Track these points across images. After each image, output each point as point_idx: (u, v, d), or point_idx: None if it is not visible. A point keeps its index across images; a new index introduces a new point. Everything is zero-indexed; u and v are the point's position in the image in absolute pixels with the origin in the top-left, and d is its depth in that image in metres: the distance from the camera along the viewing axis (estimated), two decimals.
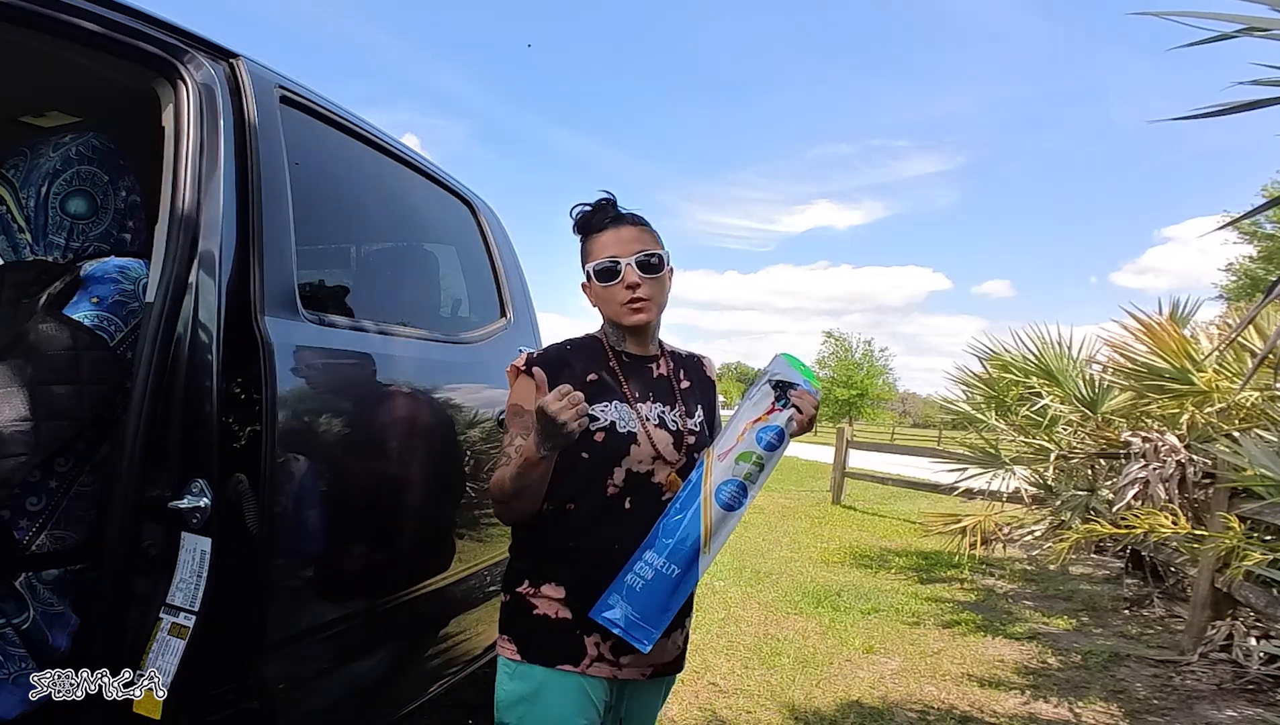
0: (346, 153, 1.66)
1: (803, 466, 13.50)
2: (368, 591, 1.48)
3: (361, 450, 1.44)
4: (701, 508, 1.18)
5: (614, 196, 1.30)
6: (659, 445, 1.24)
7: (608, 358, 1.29)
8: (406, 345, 1.63)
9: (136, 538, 1.10)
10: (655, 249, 1.26)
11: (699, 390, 1.35)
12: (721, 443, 1.23)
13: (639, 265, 1.23)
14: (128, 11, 1.18)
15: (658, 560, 1.16)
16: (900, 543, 6.33)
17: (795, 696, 2.79)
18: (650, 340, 1.32)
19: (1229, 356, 3.61)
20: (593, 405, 1.21)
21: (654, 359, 1.32)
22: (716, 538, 1.18)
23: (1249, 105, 1.34)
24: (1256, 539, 3.13)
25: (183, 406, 1.12)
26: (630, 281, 1.23)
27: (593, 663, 1.19)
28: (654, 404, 1.27)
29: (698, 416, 1.31)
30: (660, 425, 1.26)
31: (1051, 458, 4.41)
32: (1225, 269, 24.15)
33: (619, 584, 1.17)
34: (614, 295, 1.25)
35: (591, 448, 1.21)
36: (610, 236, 1.25)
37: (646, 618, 1.16)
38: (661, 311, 1.30)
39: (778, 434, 1.21)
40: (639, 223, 1.28)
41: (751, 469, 1.20)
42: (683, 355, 1.38)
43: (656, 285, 1.26)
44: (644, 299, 1.24)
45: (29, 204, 1.20)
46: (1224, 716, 2.77)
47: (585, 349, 1.30)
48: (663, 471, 1.24)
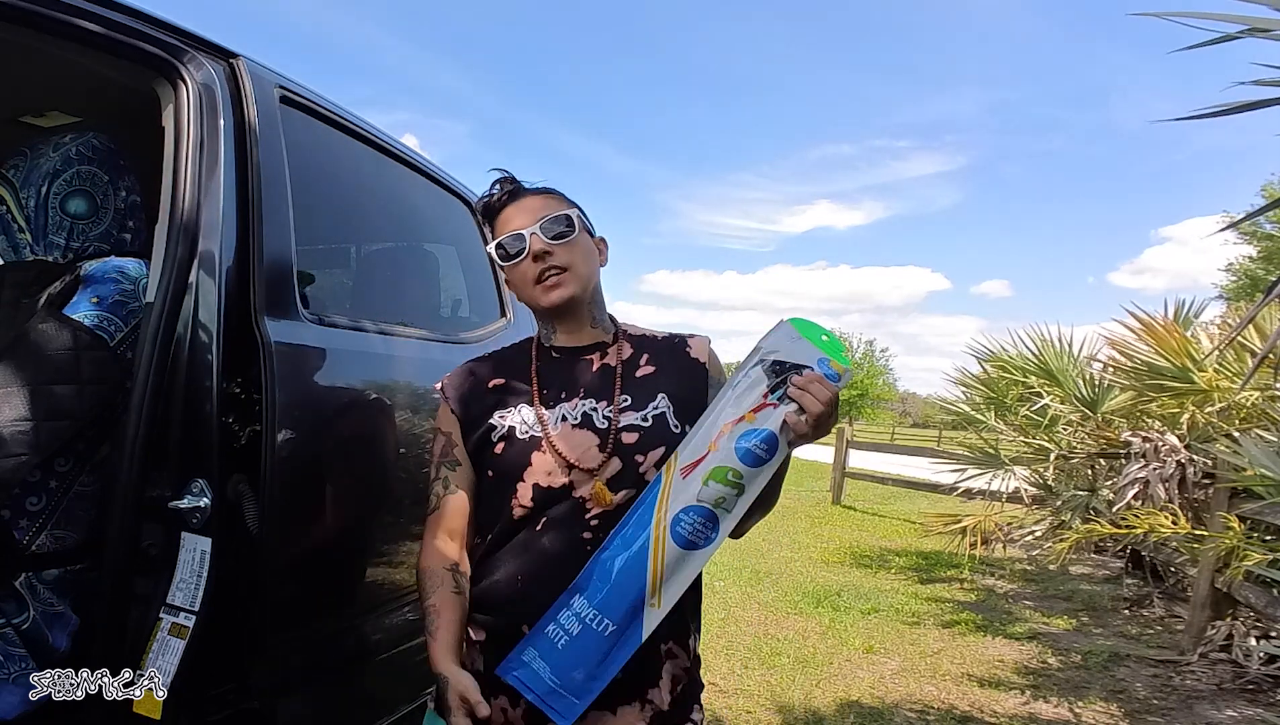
0: (347, 153, 1.66)
1: (803, 466, 13.49)
2: (368, 590, 1.48)
3: (362, 450, 1.44)
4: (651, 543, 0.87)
5: (512, 174, 1.13)
6: (569, 451, 0.98)
7: (530, 357, 1.11)
8: (407, 345, 1.63)
9: (136, 538, 1.10)
10: (562, 210, 1.07)
11: (670, 376, 1.07)
12: (688, 450, 0.91)
13: (544, 232, 1.04)
14: (128, 11, 1.17)
15: (587, 610, 0.88)
16: (900, 543, 6.33)
17: (795, 697, 2.79)
18: (585, 323, 1.10)
19: (1229, 356, 3.61)
20: (494, 413, 1.05)
21: (596, 348, 1.09)
22: (671, 585, 0.88)
23: (1250, 105, 1.34)
24: (1256, 539, 3.13)
25: (183, 406, 1.12)
26: (537, 250, 1.04)
27: None
28: (583, 401, 1.03)
29: (653, 407, 1.02)
30: (583, 425, 1.01)
31: (1051, 458, 4.41)
32: (1225, 269, 24.19)
33: (536, 635, 0.90)
34: (525, 273, 1.06)
35: (493, 463, 1.03)
36: (512, 211, 1.08)
37: (567, 684, 0.87)
38: (588, 284, 1.07)
39: (766, 442, 0.89)
40: (545, 192, 1.11)
41: (725, 492, 0.88)
42: (655, 338, 1.13)
43: (571, 251, 1.05)
44: (558, 268, 1.04)
45: (29, 204, 1.20)
46: (1224, 716, 2.77)
47: (508, 352, 1.15)
48: (585, 483, 0.98)
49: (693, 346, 1.12)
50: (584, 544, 0.97)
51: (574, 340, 1.10)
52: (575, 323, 1.09)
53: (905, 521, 7.51)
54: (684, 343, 1.12)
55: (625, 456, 0.99)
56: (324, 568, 1.35)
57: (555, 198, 1.10)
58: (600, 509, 0.98)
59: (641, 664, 0.95)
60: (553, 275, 1.04)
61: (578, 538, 0.97)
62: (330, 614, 1.39)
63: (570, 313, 1.08)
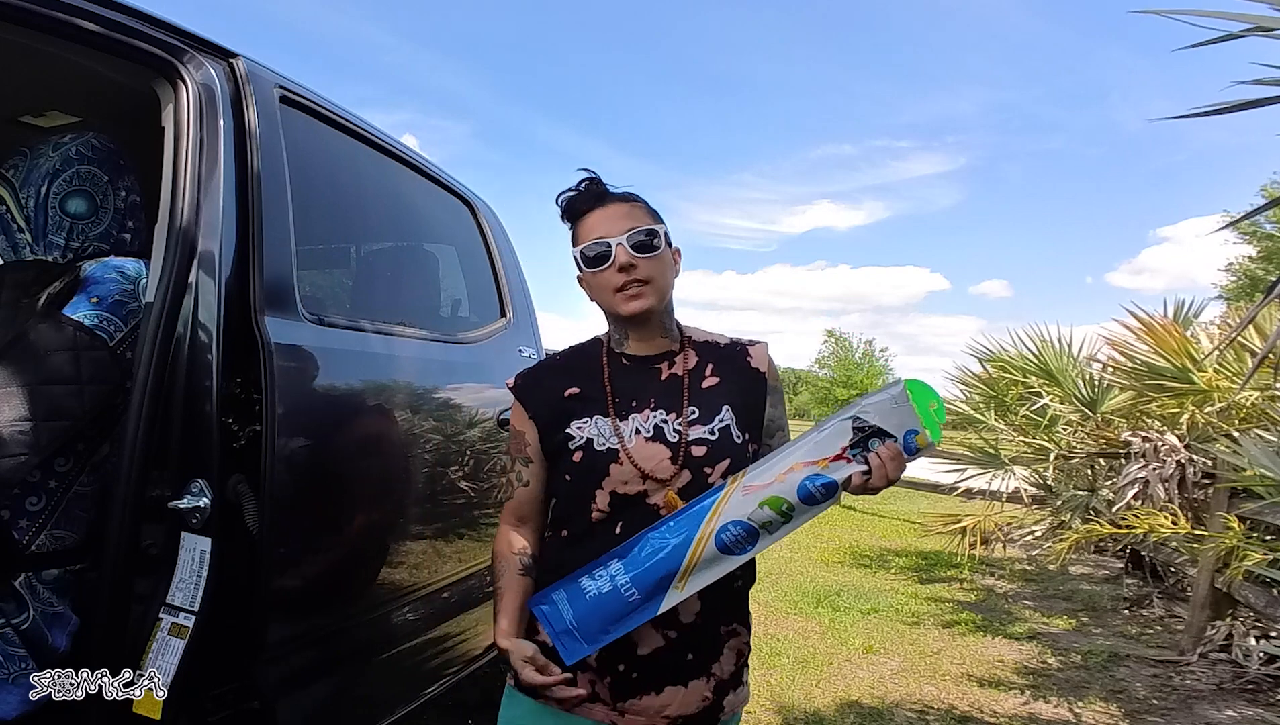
0: (346, 153, 1.66)
1: None
2: (368, 591, 1.48)
3: (361, 450, 1.44)
4: (695, 540, 0.97)
5: (597, 175, 1.15)
6: (644, 463, 1.06)
7: (601, 365, 1.14)
8: (406, 345, 1.63)
9: (136, 538, 1.10)
10: (650, 224, 1.10)
11: (733, 387, 1.13)
12: (757, 473, 0.99)
13: (631, 243, 1.07)
14: (128, 11, 1.18)
15: (622, 577, 0.98)
16: (900, 543, 6.33)
17: (795, 696, 2.79)
18: (657, 333, 1.14)
19: (1229, 356, 3.61)
20: (570, 423, 1.09)
21: (665, 357, 1.14)
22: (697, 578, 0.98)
23: (1250, 104, 1.35)
24: (1256, 539, 3.13)
25: (183, 406, 1.12)
26: (622, 262, 1.06)
27: (583, 703, 1.06)
28: (654, 412, 1.09)
29: (719, 420, 1.09)
30: (655, 437, 1.07)
31: (1051, 458, 4.41)
32: (1225, 269, 24.18)
33: (570, 582, 1.01)
34: (606, 281, 1.08)
35: (571, 469, 1.09)
36: (598, 217, 1.10)
37: (583, 630, 0.99)
38: (665, 296, 1.12)
39: (826, 488, 0.97)
40: (630, 199, 1.13)
41: (774, 518, 0.97)
42: (719, 345, 1.18)
43: (654, 265, 1.08)
44: (641, 281, 1.07)
45: (29, 204, 1.20)
46: (1224, 716, 2.77)
47: (577, 356, 1.18)
48: (658, 492, 1.06)
49: (753, 355, 1.17)
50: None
51: (645, 348, 1.14)
52: (648, 331, 1.13)
53: (905, 521, 7.51)
54: (745, 351, 1.17)
55: (695, 468, 1.07)
56: (323, 567, 1.35)
57: (641, 207, 1.13)
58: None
59: (710, 645, 1.08)
60: (635, 287, 1.07)
61: None
62: (330, 614, 1.39)
63: (645, 322, 1.12)
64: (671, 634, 1.05)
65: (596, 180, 1.15)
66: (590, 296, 1.14)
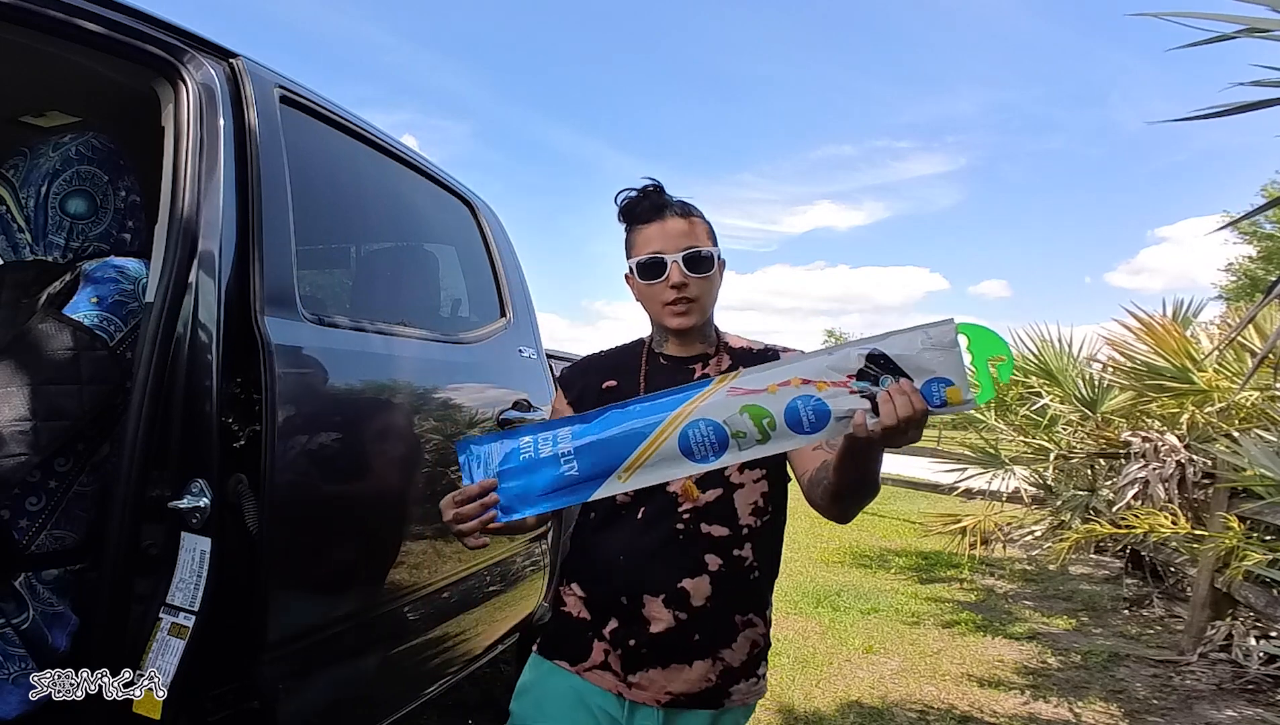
0: (347, 153, 1.66)
1: None
2: (368, 591, 1.48)
3: (361, 450, 1.44)
4: (659, 428, 0.87)
5: (661, 184, 1.19)
6: None
7: (640, 361, 1.21)
8: (406, 345, 1.63)
9: (136, 537, 1.10)
10: (705, 245, 1.14)
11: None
12: (749, 377, 0.89)
13: (686, 263, 1.12)
14: (128, 11, 1.18)
15: (566, 442, 0.90)
16: (900, 543, 6.33)
17: (795, 697, 2.79)
18: (697, 340, 1.20)
19: (1229, 356, 3.61)
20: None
21: (699, 359, 1.20)
22: (644, 473, 0.88)
23: (1249, 106, 1.35)
24: (1256, 539, 3.13)
25: (183, 406, 1.12)
26: (675, 281, 1.12)
27: (593, 668, 1.13)
28: None
29: None
30: None
31: (1051, 458, 4.41)
32: (1225, 269, 24.20)
33: (510, 434, 0.94)
34: (657, 294, 1.14)
35: None
36: (656, 230, 1.14)
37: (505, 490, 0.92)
38: (708, 312, 1.18)
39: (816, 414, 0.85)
40: (690, 215, 1.17)
41: (750, 430, 0.86)
42: (751, 351, 1.23)
43: (704, 285, 1.14)
44: (689, 300, 1.13)
45: (29, 204, 1.20)
46: (1224, 716, 2.77)
47: (621, 354, 1.25)
48: (678, 481, 1.12)
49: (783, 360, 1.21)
50: (677, 534, 1.11)
51: (683, 351, 1.20)
52: (689, 339, 1.19)
53: (905, 521, 7.51)
54: (776, 357, 1.20)
55: None
56: (324, 567, 1.35)
57: (700, 226, 1.16)
58: (691, 504, 1.11)
59: (720, 630, 1.12)
60: (684, 305, 1.13)
61: (672, 528, 1.11)
62: (330, 614, 1.39)
63: (688, 333, 1.18)
64: (682, 615, 1.10)
65: (660, 189, 1.18)
66: (636, 298, 1.20)
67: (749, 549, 1.13)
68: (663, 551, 1.11)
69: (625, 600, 1.11)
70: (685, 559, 1.11)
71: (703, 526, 1.12)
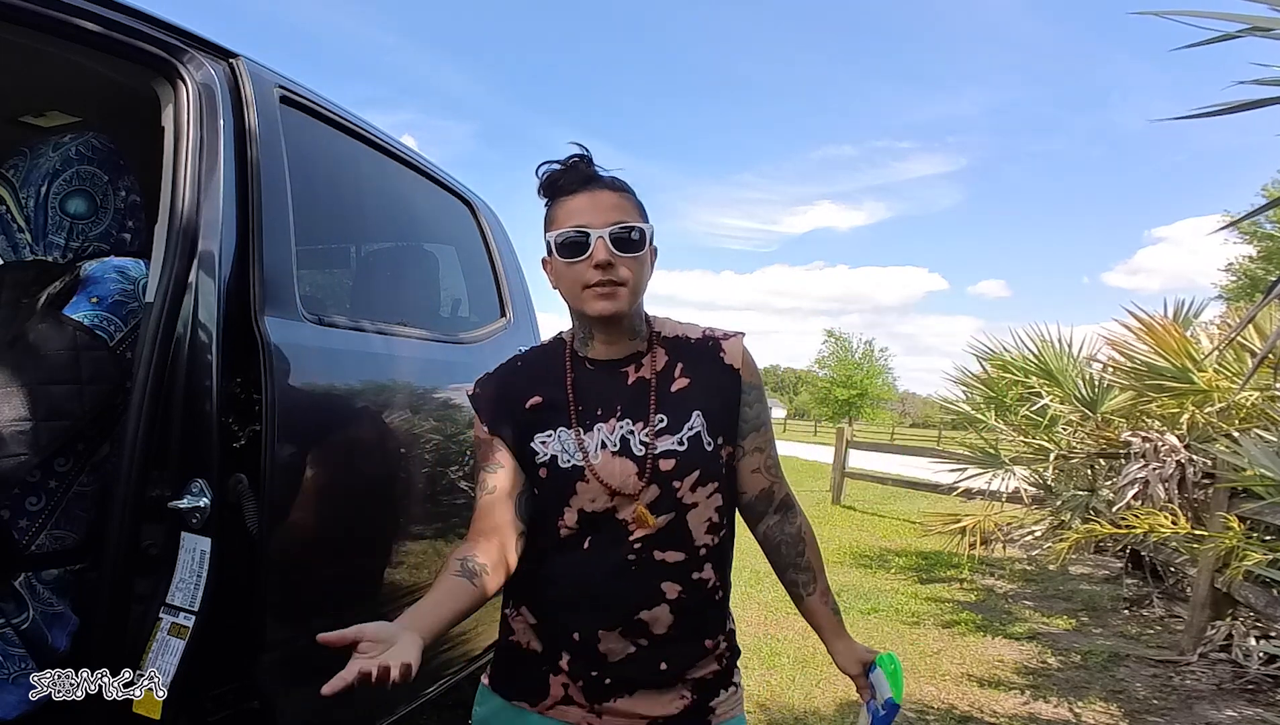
0: (347, 153, 1.66)
1: (803, 466, 13.49)
2: (368, 590, 1.48)
3: (361, 450, 1.44)
4: None
5: (589, 153, 1.04)
6: (610, 480, 0.99)
7: (564, 368, 1.06)
8: (406, 345, 1.63)
9: (136, 537, 1.10)
10: (636, 221, 1.00)
11: (704, 388, 1.05)
12: None
13: (614, 240, 0.97)
14: (127, 11, 1.17)
15: None
16: (900, 543, 6.33)
17: (795, 696, 2.79)
18: (625, 335, 1.05)
19: (1229, 356, 3.61)
20: (535, 435, 1.03)
21: (632, 360, 1.05)
22: None
23: (1250, 105, 1.35)
24: (1256, 539, 3.13)
25: (182, 406, 1.12)
26: (600, 260, 0.97)
27: (556, 704, 1.03)
28: (620, 422, 1.02)
29: (688, 428, 1.02)
30: (622, 451, 1.00)
31: (1051, 458, 4.41)
32: (1225, 269, 24.19)
33: None
34: (578, 275, 0.98)
35: (539, 484, 1.04)
36: (583, 202, 0.99)
37: None
38: (638, 299, 1.03)
39: None
40: (620, 188, 1.02)
41: None
42: (690, 340, 1.08)
43: (633, 266, 0.99)
44: (615, 282, 0.98)
45: (29, 204, 1.20)
46: (1224, 716, 2.77)
47: (540, 360, 1.09)
48: (626, 506, 1.00)
49: (726, 351, 1.07)
50: (629, 564, 1.00)
51: (611, 352, 1.05)
52: (616, 333, 1.04)
53: (905, 521, 7.51)
54: (718, 346, 1.08)
55: (663, 483, 1.00)
56: (324, 567, 1.35)
57: (629, 199, 1.03)
58: (644, 532, 1.00)
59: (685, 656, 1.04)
60: (608, 287, 0.98)
61: (623, 558, 1.00)
62: (330, 613, 1.39)
63: (614, 324, 1.03)
64: (643, 643, 1.01)
65: (588, 159, 1.03)
66: (554, 285, 1.04)
67: (709, 569, 1.03)
68: (615, 584, 1.00)
69: (578, 636, 1.01)
70: (640, 590, 1.00)
71: (656, 553, 1.01)
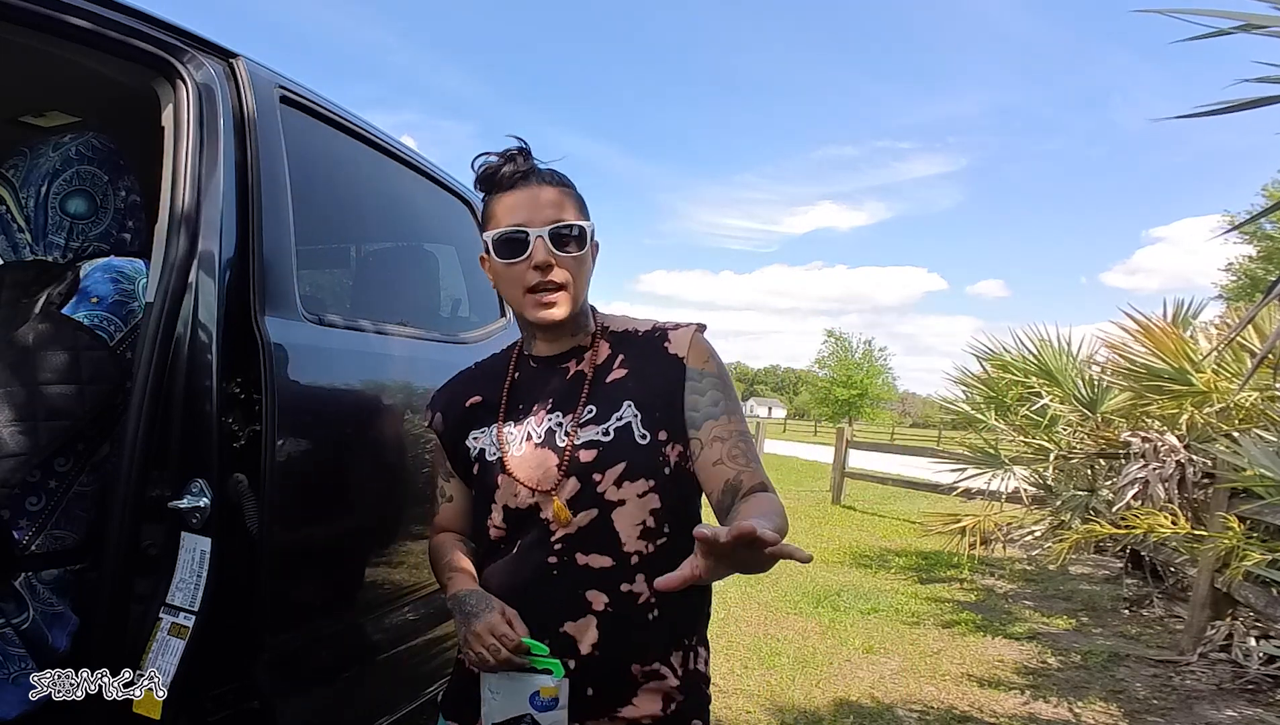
0: (347, 153, 1.66)
1: (803, 466, 13.50)
2: (368, 590, 1.48)
3: (361, 450, 1.44)
4: None
5: (528, 146, 1.00)
6: (524, 473, 0.95)
7: (508, 369, 1.05)
8: (406, 345, 1.63)
9: (136, 538, 1.10)
10: (576, 219, 0.96)
11: (640, 379, 0.99)
12: None
13: (553, 239, 0.94)
14: (127, 11, 1.17)
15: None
16: (900, 543, 6.33)
17: (794, 697, 2.79)
18: (567, 333, 1.02)
19: (1228, 356, 3.61)
20: (470, 432, 1.03)
21: (573, 355, 1.02)
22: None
23: (1250, 104, 1.35)
24: (1256, 539, 3.13)
25: (182, 406, 1.12)
26: (539, 261, 0.93)
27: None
28: (550, 415, 0.98)
29: (617, 418, 0.96)
30: (545, 443, 0.96)
31: (1051, 458, 4.41)
32: (1225, 269, 24.18)
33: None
34: (517, 277, 0.95)
35: (473, 482, 1.03)
36: (521, 198, 0.95)
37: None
38: (580, 302, 0.99)
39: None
40: (560, 183, 0.98)
41: None
42: (636, 333, 1.04)
43: (574, 267, 0.96)
44: (556, 286, 0.95)
45: (29, 204, 1.20)
46: (1224, 716, 2.77)
47: (494, 362, 1.11)
48: (549, 504, 0.93)
49: (672, 340, 1.01)
50: (550, 569, 0.94)
51: (553, 348, 1.03)
52: (558, 332, 1.02)
53: (905, 521, 7.51)
54: (664, 336, 1.02)
55: (583, 476, 0.94)
56: (324, 567, 1.35)
57: (570, 195, 0.99)
58: (563, 531, 0.94)
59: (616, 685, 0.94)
60: (549, 292, 0.95)
61: (543, 562, 0.94)
62: (330, 613, 1.39)
63: (556, 327, 1.00)
64: (570, 663, 0.93)
65: (526, 151, 0.99)
66: (493, 285, 1.02)
67: (641, 582, 0.93)
68: (537, 589, 0.94)
69: None
70: (563, 597, 0.93)
71: (579, 557, 0.93)
